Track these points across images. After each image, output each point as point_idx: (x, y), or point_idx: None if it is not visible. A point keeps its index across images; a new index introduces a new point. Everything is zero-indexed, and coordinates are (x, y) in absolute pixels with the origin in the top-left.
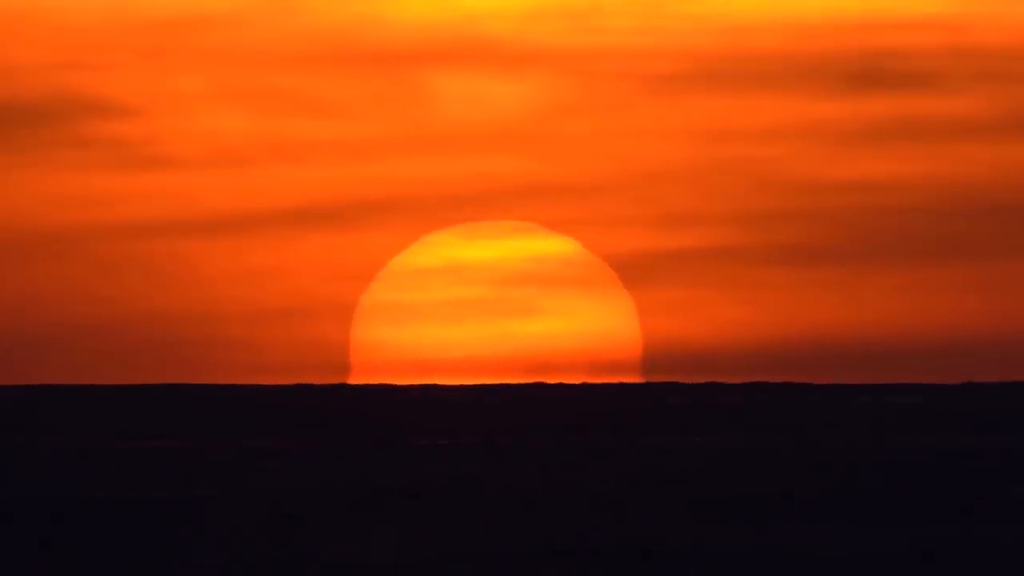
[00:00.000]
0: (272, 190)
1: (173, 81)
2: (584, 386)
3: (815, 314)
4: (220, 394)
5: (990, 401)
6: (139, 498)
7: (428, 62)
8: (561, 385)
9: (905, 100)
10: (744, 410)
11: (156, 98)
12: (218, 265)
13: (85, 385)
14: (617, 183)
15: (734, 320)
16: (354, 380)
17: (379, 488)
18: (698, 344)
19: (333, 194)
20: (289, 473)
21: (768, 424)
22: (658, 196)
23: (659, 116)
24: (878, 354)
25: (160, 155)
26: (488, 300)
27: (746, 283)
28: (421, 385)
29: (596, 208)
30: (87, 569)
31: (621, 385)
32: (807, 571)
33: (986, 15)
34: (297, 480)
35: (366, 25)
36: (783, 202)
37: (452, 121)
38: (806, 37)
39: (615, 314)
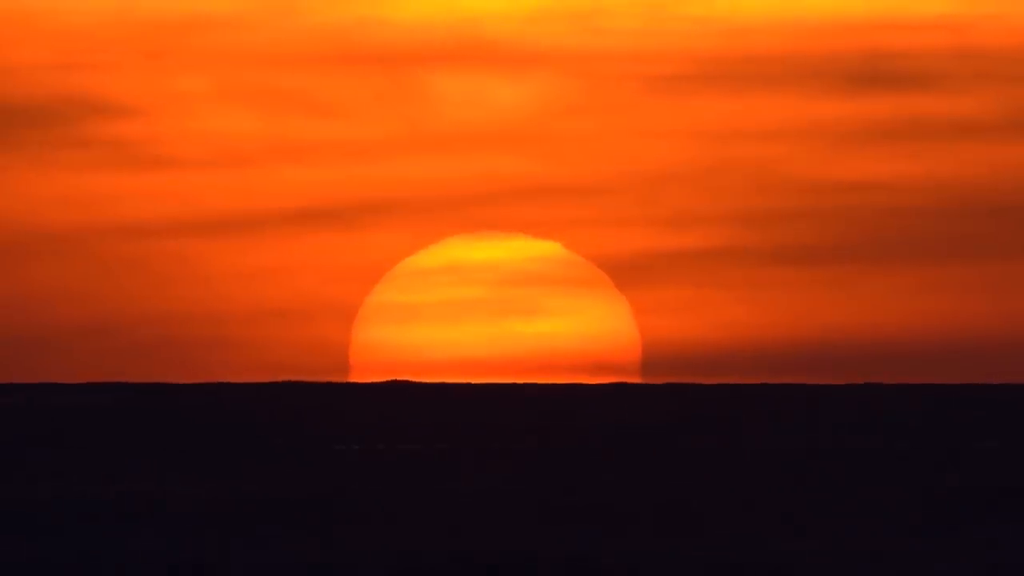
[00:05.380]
0: (274, 190)
1: (174, 81)
2: (584, 386)
3: (817, 314)
4: (221, 394)
5: (990, 402)
6: (136, 497)
7: (431, 63)
8: (560, 385)
9: (907, 100)
10: (745, 411)
11: (157, 98)
12: (220, 266)
13: (85, 384)
14: (619, 184)
15: (736, 320)
16: (354, 379)
17: (373, 490)
18: (699, 345)
19: (336, 195)
20: (289, 472)
21: (769, 424)
22: (660, 197)
23: (662, 117)
24: (879, 355)
25: (162, 155)
26: (488, 301)
27: (748, 283)
28: (420, 384)
29: (598, 209)
30: (85, 568)
31: (621, 385)
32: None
33: (989, 16)
34: (298, 479)
35: (369, 26)
36: (786, 202)
37: (455, 122)
38: (808, 38)
39: (616, 315)
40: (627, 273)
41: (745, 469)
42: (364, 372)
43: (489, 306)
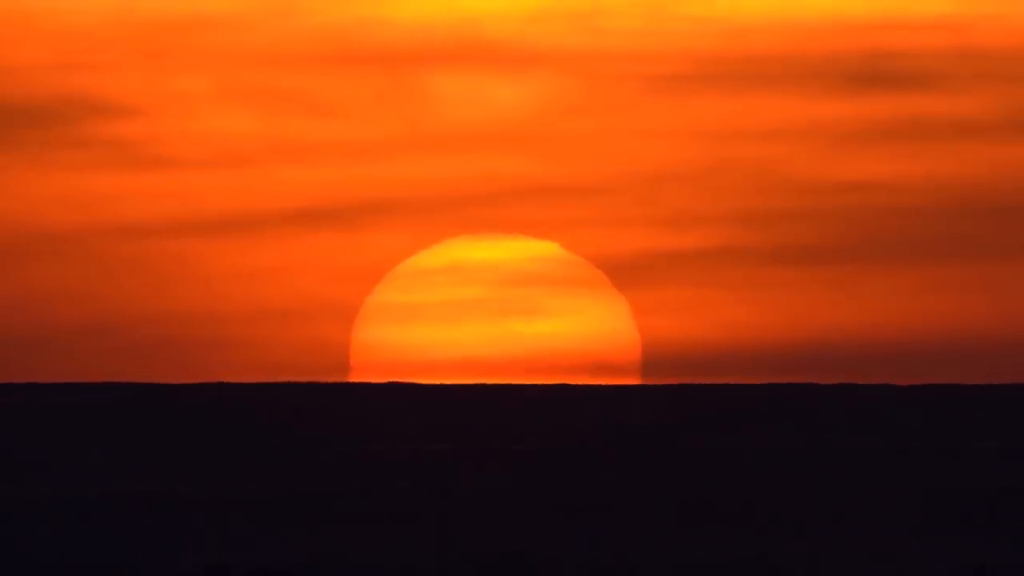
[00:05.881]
0: (274, 190)
1: (174, 81)
2: (584, 386)
3: (817, 314)
4: (221, 394)
5: (990, 402)
6: (136, 497)
7: (431, 63)
8: (560, 385)
9: (908, 100)
10: (745, 411)
11: (157, 98)
12: (220, 266)
13: (85, 384)
14: (619, 184)
15: (736, 320)
16: (354, 379)
17: (373, 490)
18: (699, 345)
19: (336, 195)
20: (289, 472)
21: (769, 424)
22: (660, 197)
23: (662, 117)
24: (879, 355)
25: (161, 155)
26: (488, 301)
27: (748, 283)
28: (419, 385)
29: (597, 209)
30: (85, 568)
31: (621, 385)
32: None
33: (989, 16)
34: (298, 479)
35: (369, 26)
36: (786, 202)
37: (455, 122)
38: (808, 38)
39: (615, 315)
40: (626, 273)
41: (745, 469)
42: (364, 372)
43: (489, 306)
